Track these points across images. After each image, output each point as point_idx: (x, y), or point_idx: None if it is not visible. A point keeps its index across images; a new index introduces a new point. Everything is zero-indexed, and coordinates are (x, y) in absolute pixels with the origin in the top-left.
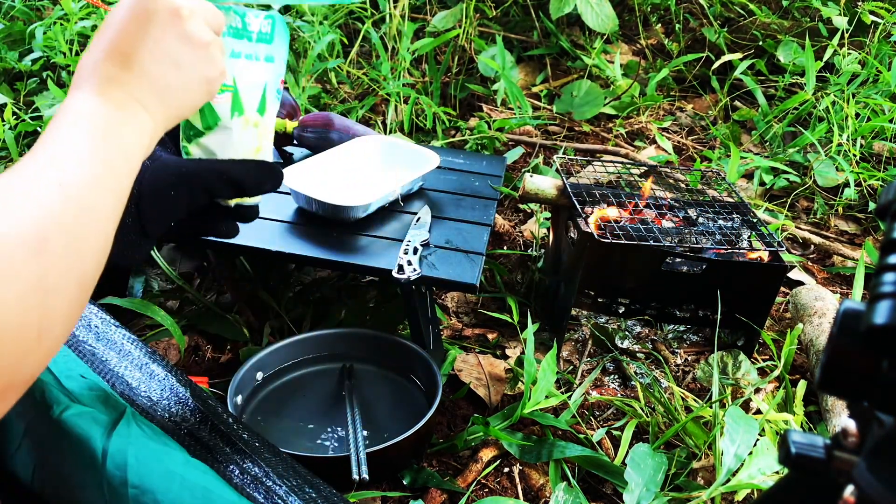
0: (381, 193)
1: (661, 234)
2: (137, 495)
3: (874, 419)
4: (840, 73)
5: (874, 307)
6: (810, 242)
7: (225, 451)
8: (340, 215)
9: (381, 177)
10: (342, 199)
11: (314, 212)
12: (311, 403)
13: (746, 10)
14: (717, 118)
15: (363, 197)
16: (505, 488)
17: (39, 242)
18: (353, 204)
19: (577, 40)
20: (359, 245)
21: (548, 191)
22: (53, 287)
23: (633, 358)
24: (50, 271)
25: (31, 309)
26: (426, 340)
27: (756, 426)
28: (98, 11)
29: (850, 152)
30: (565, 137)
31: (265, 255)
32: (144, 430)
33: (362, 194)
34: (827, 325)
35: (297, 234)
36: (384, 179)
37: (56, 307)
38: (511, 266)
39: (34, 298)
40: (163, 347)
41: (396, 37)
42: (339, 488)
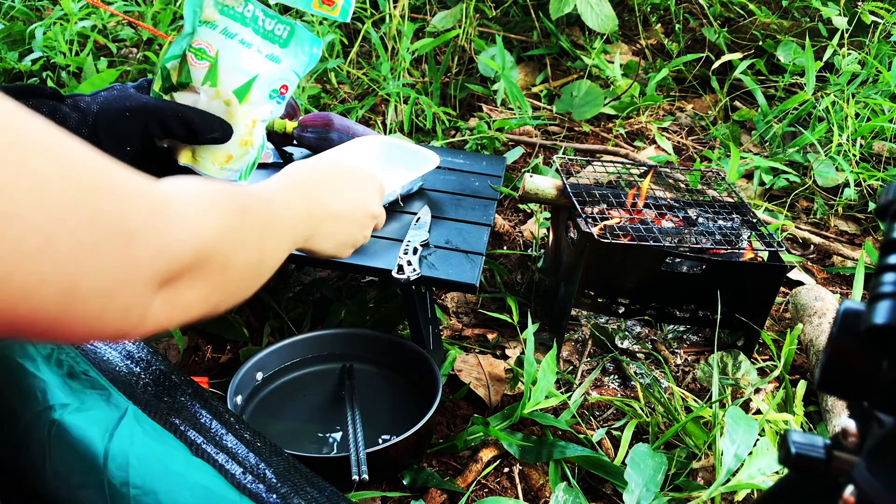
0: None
1: (661, 234)
2: (139, 495)
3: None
4: (840, 73)
5: (874, 307)
6: (810, 242)
7: (227, 450)
8: None
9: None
10: None
11: None
12: (311, 403)
13: (746, 10)
14: (717, 118)
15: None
16: (505, 488)
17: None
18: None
19: (577, 40)
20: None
21: (548, 191)
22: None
23: (633, 358)
24: (245, 234)
25: (256, 257)
26: (426, 340)
27: (756, 426)
28: (98, 11)
29: (850, 152)
30: (565, 137)
31: None
32: (146, 430)
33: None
34: (827, 325)
35: None
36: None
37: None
38: (511, 266)
39: (258, 251)
40: (163, 347)
41: (396, 37)
42: (339, 488)
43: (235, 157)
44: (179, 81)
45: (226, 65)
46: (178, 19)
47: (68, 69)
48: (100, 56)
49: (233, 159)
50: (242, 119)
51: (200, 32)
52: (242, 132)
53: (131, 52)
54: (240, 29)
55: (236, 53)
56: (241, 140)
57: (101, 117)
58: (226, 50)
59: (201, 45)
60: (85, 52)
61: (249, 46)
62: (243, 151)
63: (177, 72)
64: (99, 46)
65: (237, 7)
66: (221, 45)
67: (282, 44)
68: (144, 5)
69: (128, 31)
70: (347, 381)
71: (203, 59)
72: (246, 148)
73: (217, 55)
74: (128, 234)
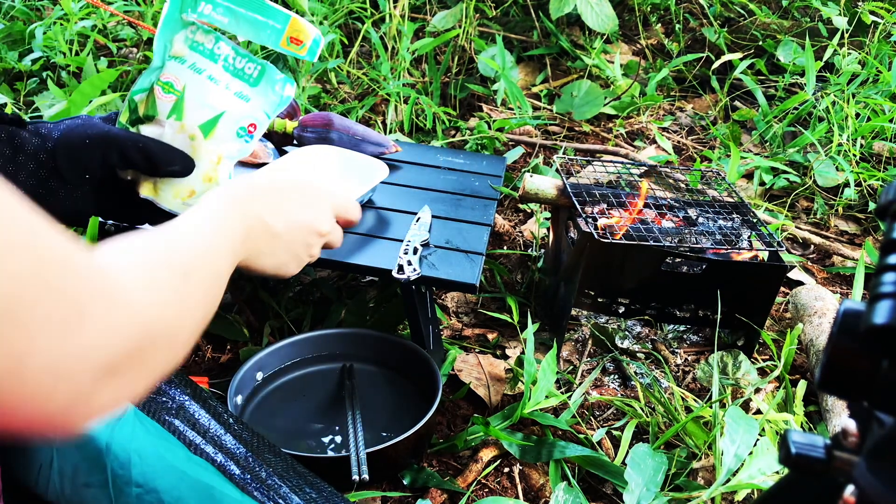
0: None
1: (661, 234)
2: (141, 494)
3: (874, 419)
4: (840, 73)
5: (874, 307)
6: (810, 242)
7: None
8: None
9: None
10: None
11: None
12: (311, 403)
13: (746, 10)
14: (717, 118)
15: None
16: (505, 488)
17: (182, 276)
18: None
19: (577, 40)
20: (359, 245)
21: (548, 191)
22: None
23: (633, 358)
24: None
25: (202, 312)
26: (426, 340)
27: (756, 426)
28: (98, 11)
29: (850, 152)
30: (565, 137)
31: None
32: (148, 429)
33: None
34: (827, 325)
35: None
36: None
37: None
38: (511, 266)
39: (203, 306)
40: None
41: (396, 37)
42: (339, 488)
43: (198, 193)
44: (146, 114)
45: (192, 99)
46: None
47: (68, 69)
48: (100, 56)
49: (195, 195)
50: (207, 155)
51: (169, 66)
52: (206, 168)
53: (131, 52)
54: (209, 65)
55: (204, 89)
56: (204, 175)
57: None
58: (193, 85)
59: (169, 79)
60: (85, 52)
61: (217, 83)
62: (206, 187)
63: (144, 104)
64: (99, 46)
65: (207, 44)
66: (189, 79)
67: (252, 83)
68: (144, 5)
69: (128, 31)
70: (347, 381)
71: (170, 93)
72: (210, 184)
73: (184, 89)
74: (80, 314)
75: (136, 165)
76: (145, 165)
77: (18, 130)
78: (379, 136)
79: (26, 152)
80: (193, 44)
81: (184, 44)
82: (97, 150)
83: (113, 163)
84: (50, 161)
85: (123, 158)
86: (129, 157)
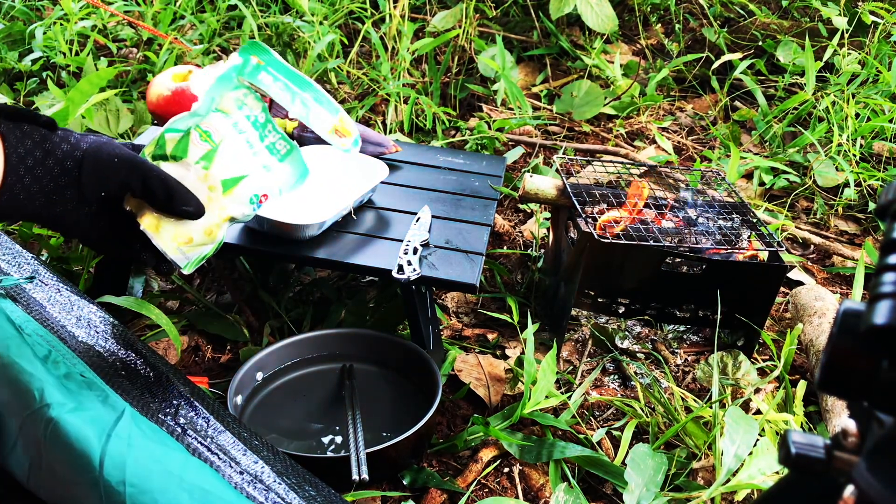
0: (335, 211)
1: (661, 234)
2: (135, 494)
3: (874, 419)
4: (840, 73)
5: (874, 307)
6: (810, 242)
7: (225, 450)
8: (293, 234)
9: (327, 190)
10: (295, 218)
11: (265, 231)
12: (311, 404)
13: (746, 10)
14: (717, 118)
15: (317, 215)
16: (505, 488)
17: None
18: (307, 222)
19: (577, 40)
20: (359, 245)
21: (548, 191)
22: None
23: (633, 358)
24: None
25: None
26: (426, 340)
27: (756, 426)
28: (98, 11)
29: (850, 152)
30: (565, 137)
31: (265, 255)
32: (143, 431)
33: (315, 212)
34: (827, 325)
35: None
36: (334, 193)
37: None
38: (511, 266)
39: None
40: (162, 348)
41: (396, 37)
42: (339, 488)
43: (194, 243)
44: (173, 154)
45: (225, 154)
46: (179, 19)
47: (68, 69)
48: (100, 56)
49: (192, 244)
50: (219, 210)
51: (212, 117)
52: (213, 221)
53: (131, 52)
54: (249, 129)
55: (238, 148)
56: (207, 228)
57: (90, 155)
58: (230, 141)
59: (209, 129)
60: (85, 52)
61: (251, 147)
62: (204, 240)
63: (173, 144)
64: (99, 46)
65: (254, 109)
66: (228, 134)
67: (279, 158)
68: (144, 5)
69: (128, 31)
70: (347, 381)
71: (206, 142)
72: (208, 238)
73: (220, 143)
74: None
75: (154, 196)
76: (162, 199)
77: (50, 134)
78: (379, 136)
79: (55, 156)
80: (241, 105)
81: (233, 102)
82: (122, 171)
83: (132, 187)
84: (75, 170)
85: (144, 186)
86: (150, 187)
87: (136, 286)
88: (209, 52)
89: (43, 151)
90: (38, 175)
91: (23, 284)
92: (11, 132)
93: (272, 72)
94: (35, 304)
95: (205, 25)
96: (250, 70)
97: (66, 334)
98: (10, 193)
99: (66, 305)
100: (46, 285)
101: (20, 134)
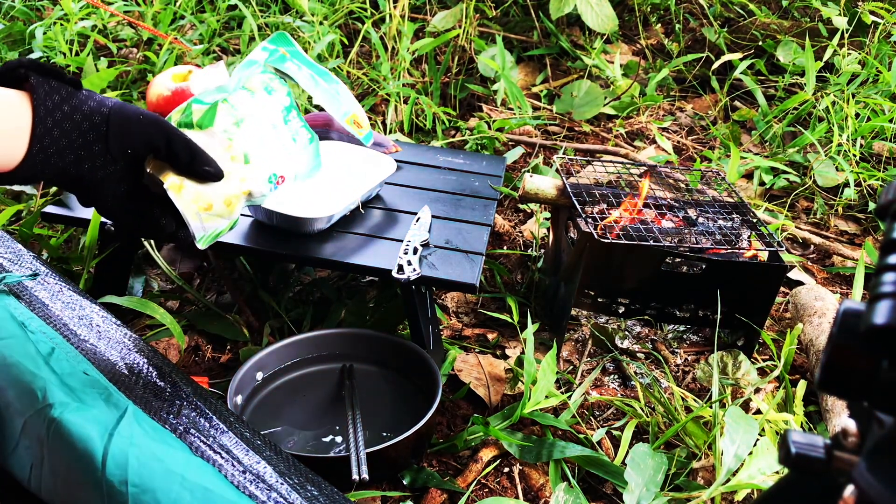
0: (344, 204)
1: (661, 234)
2: (137, 494)
3: (874, 419)
4: (840, 73)
5: (874, 307)
6: (810, 242)
7: (227, 449)
8: (302, 228)
9: (336, 185)
10: (304, 212)
11: (274, 225)
12: (311, 403)
13: (746, 10)
14: (717, 118)
15: (326, 209)
16: (505, 488)
17: None
18: (316, 216)
19: (577, 40)
20: (359, 245)
21: (548, 191)
22: None
23: (633, 358)
24: None
25: None
26: (426, 340)
27: (756, 426)
28: (98, 11)
29: (850, 152)
30: (565, 137)
31: (265, 255)
32: (145, 430)
33: (324, 205)
34: (827, 325)
35: (297, 235)
36: (342, 187)
37: None
38: (511, 266)
39: None
40: (163, 347)
41: (396, 37)
42: (339, 488)
43: (213, 212)
44: (199, 122)
45: (248, 129)
46: (179, 19)
47: (68, 69)
48: (100, 56)
49: (211, 211)
50: (239, 181)
51: (239, 94)
52: (232, 192)
53: (131, 52)
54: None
55: (261, 126)
56: (226, 199)
57: (116, 112)
58: (254, 118)
59: (236, 104)
60: (85, 52)
61: (274, 128)
62: (222, 211)
63: (200, 113)
64: (99, 46)
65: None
66: (253, 112)
67: (299, 145)
68: (144, 5)
69: (128, 31)
70: (347, 381)
71: (231, 114)
72: (227, 209)
73: (245, 117)
74: None
75: (176, 156)
76: (185, 159)
77: (76, 91)
78: (379, 136)
79: (83, 112)
80: (268, 88)
81: (260, 84)
82: (149, 129)
83: (156, 146)
84: (102, 125)
85: (168, 146)
86: (173, 147)
87: (137, 286)
88: (209, 52)
89: (70, 106)
90: (66, 129)
91: (25, 282)
92: (41, 85)
93: (297, 62)
94: (38, 301)
95: (205, 25)
96: (277, 58)
97: (68, 332)
98: (40, 145)
99: (69, 304)
100: (48, 283)
101: (48, 88)
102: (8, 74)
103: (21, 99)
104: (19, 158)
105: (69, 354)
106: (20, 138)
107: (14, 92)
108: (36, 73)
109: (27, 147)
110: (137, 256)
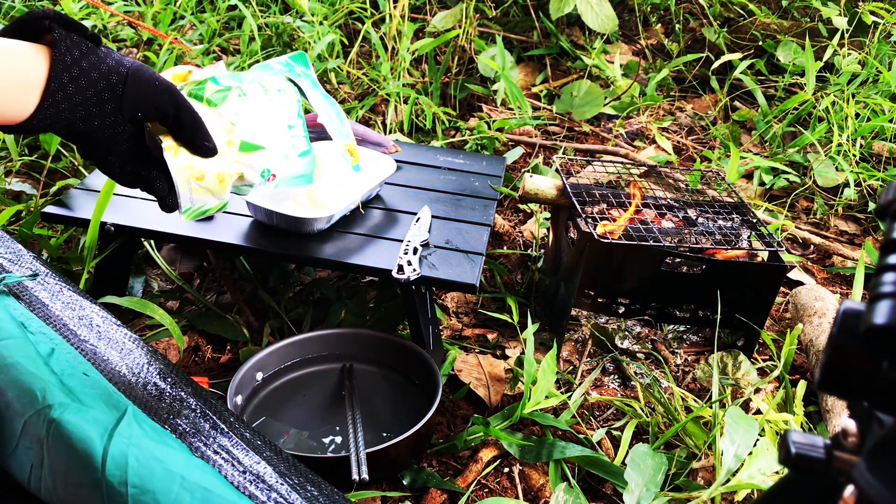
0: (344, 204)
1: (661, 234)
2: (137, 495)
3: (874, 419)
4: (840, 73)
5: (874, 307)
6: (810, 242)
7: (227, 449)
8: (302, 228)
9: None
10: (304, 212)
11: (274, 225)
12: (311, 404)
13: (746, 10)
14: (716, 118)
15: (326, 209)
16: (505, 488)
17: None
18: (316, 216)
19: (577, 40)
20: (359, 245)
21: (548, 191)
22: None
23: (633, 358)
24: None
25: None
26: (426, 340)
27: (756, 426)
28: (98, 11)
29: (850, 152)
30: (565, 137)
31: (265, 255)
32: (145, 431)
33: (324, 205)
34: (827, 325)
35: (297, 236)
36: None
37: None
38: (511, 266)
39: None
40: (163, 347)
41: (396, 37)
42: (339, 488)
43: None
44: (209, 99)
45: (253, 121)
46: (179, 19)
47: None
48: None
49: (202, 181)
50: (230, 162)
51: (252, 87)
52: (226, 170)
53: (131, 52)
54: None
55: (265, 122)
56: (219, 175)
57: (134, 74)
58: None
59: (247, 91)
60: None
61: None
62: (212, 185)
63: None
64: None
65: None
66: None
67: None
68: (144, 5)
69: (128, 31)
70: (347, 381)
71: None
72: (218, 185)
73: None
74: None
75: (182, 127)
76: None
77: (96, 48)
78: (379, 136)
79: (101, 70)
80: (281, 91)
81: (274, 84)
82: (163, 96)
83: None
84: (119, 85)
85: (176, 116)
86: (181, 118)
87: (136, 286)
88: (209, 52)
89: (89, 63)
90: (82, 86)
91: (25, 282)
92: (63, 39)
93: (311, 82)
94: (38, 302)
95: (205, 25)
96: (293, 74)
97: (68, 333)
98: (52, 100)
99: (69, 304)
100: (48, 284)
101: (70, 43)
102: (32, 23)
103: (36, 53)
104: (30, 111)
105: (69, 355)
106: (32, 92)
107: (29, 45)
108: (59, 27)
109: (38, 100)
110: (137, 256)
